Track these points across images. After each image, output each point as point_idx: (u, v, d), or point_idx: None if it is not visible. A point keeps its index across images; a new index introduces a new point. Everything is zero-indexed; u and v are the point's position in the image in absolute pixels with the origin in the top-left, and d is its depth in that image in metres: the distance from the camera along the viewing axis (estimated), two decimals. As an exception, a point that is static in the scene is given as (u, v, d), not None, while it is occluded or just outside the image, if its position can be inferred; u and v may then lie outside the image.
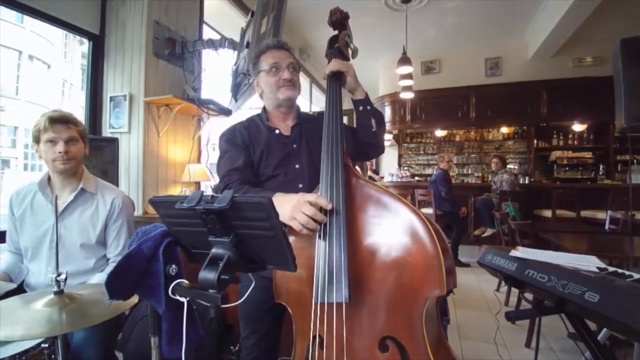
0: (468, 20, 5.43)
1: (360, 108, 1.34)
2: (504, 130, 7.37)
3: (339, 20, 1.38)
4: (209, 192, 2.83)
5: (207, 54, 2.88)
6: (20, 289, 1.58)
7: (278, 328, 1.32)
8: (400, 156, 8.12)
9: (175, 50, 2.62)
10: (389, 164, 8.08)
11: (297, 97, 1.40)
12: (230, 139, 1.35)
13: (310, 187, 1.25)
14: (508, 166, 6.07)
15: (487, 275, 3.63)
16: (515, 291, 3.33)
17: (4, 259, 1.60)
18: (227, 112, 2.84)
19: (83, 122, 2.57)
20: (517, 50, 6.26)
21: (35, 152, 1.52)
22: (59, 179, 1.57)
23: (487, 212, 5.13)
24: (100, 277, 1.52)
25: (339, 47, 1.34)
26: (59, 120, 1.47)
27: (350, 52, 1.37)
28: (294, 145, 1.35)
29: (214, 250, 0.68)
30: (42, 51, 18.46)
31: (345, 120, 1.28)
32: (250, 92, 2.89)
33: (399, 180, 6.80)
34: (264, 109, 1.43)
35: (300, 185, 1.28)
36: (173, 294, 0.73)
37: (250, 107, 4.38)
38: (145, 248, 0.72)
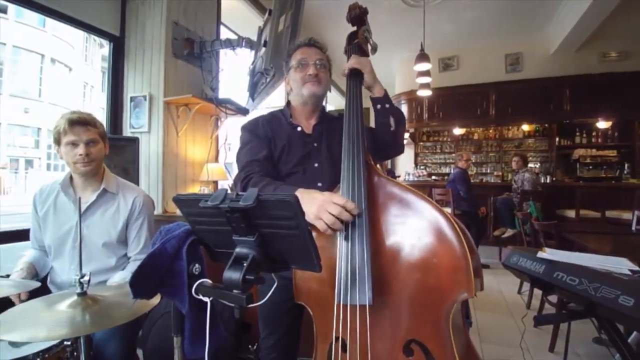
0: (487, 15, 5.31)
1: (379, 106, 1.31)
2: (525, 127, 7.17)
3: (358, 15, 1.35)
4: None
5: (224, 54, 2.89)
6: (44, 287, 1.61)
7: (297, 328, 1.30)
8: (416, 155, 8.02)
9: (194, 50, 2.64)
10: (405, 163, 7.99)
11: (324, 95, 1.38)
12: (252, 130, 1.35)
13: (329, 187, 1.23)
14: (529, 165, 5.91)
15: (508, 277, 3.53)
16: (537, 293, 3.23)
17: (29, 253, 1.63)
18: (244, 111, 2.85)
19: (104, 122, 2.63)
20: (539, 45, 6.09)
21: (56, 153, 1.55)
22: (80, 180, 1.59)
23: (508, 212, 5.01)
24: (121, 275, 1.54)
25: (359, 43, 1.32)
26: (79, 123, 1.48)
27: (369, 48, 1.35)
28: (315, 144, 1.33)
29: (237, 249, 0.67)
30: (64, 54, 19.01)
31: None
32: (268, 91, 2.89)
33: (416, 179, 6.71)
34: (288, 104, 1.43)
35: (320, 184, 1.26)
36: (196, 293, 0.72)
37: (267, 106, 4.39)
38: (169, 247, 0.72)
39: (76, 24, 2.34)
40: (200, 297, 0.72)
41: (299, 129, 1.35)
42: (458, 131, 7.51)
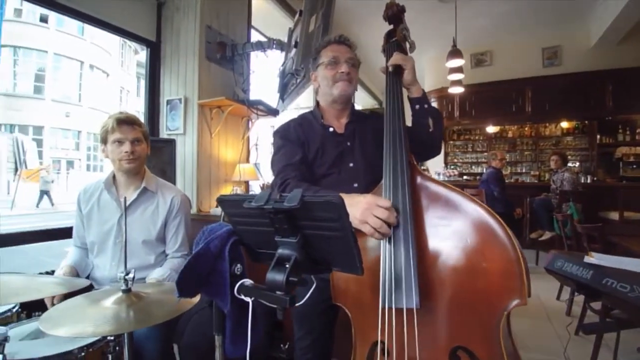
0: (522, 8, 5.09)
1: (417, 106, 1.27)
2: (564, 125, 6.82)
3: (396, 14, 1.32)
4: (257, 191, 2.89)
5: (254, 56, 2.93)
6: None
7: (332, 329, 1.29)
8: (446, 154, 7.81)
9: (226, 53, 2.69)
10: (435, 162, 7.79)
11: (353, 94, 1.37)
12: (284, 134, 1.34)
13: (366, 187, 1.21)
14: (568, 164, 5.63)
15: (546, 282, 3.37)
16: (577, 300, 3.06)
17: (71, 253, 1.71)
18: (274, 112, 2.88)
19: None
20: (578, 37, 5.79)
21: (102, 152, 1.62)
22: (123, 178, 1.65)
23: (546, 214, 4.79)
24: (159, 272, 1.58)
25: (397, 41, 1.29)
26: (126, 122, 1.56)
27: (408, 46, 1.32)
28: (348, 144, 1.32)
29: (280, 250, 0.67)
30: (101, 61, 20.00)
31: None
32: (298, 92, 2.91)
33: (447, 179, 6.55)
34: (317, 105, 1.41)
35: (355, 185, 1.25)
36: (238, 293, 0.72)
37: (296, 107, 4.42)
38: (213, 247, 0.73)
39: (116, 30, 2.45)
40: (242, 297, 0.72)
41: (331, 129, 1.34)
42: (491, 129, 7.25)
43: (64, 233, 2.05)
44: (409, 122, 1.25)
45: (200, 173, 2.53)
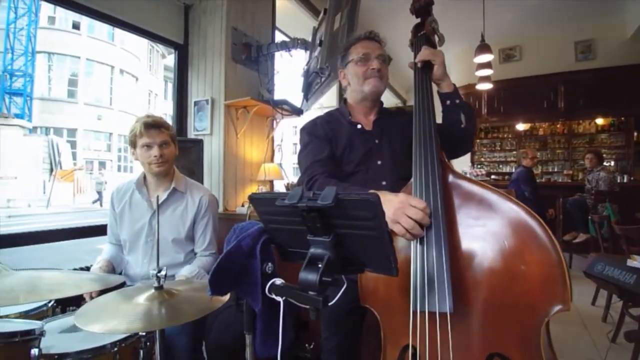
0: (553, 0, 4.88)
1: (448, 102, 1.23)
2: (599, 121, 6.49)
3: (424, 7, 1.28)
4: (283, 190, 2.90)
5: (279, 56, 2.94)
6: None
7: (360, 331, 1.27)
8: (473, 153, 7.59)
9: (251, 54, 2.72)
10: (461, 161, 7.58)
11: (384, 91, 1.34)
12: (311, 131, 1.34)
13: (393, 185, 1.18)
14: (604, 163, 5.35)
15: (580, 286, 3.21)
16: (615, 306, 2.90)
17: (106, 249, 1.77)
18: (299, 112, 2.88)
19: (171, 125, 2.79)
20: (613, 30, 5.50)
21: (131, 155, 1.66)
22: (153, 179, 1.70)
23: (580, 215, 4.57)
24: (188, 270, 1.61)
25: (426, 35, 1.25)
26: (153, 126, 1.59)
27: (437, 39, 1.28)
28: (376, 141, 1.30)
29: (312, 250, 0.66)
30: (131, 65, 20.71)
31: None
32: (322, 91, 2.90)
33: (474, 179, 6.36)
34: (345, 102, 1.40)
35: (384, 183, 1.23)
36: (269, 292, 0.72)
37: (319, 106, 4.41)
38: (244, 245, 0.73)
39: (146, 34, 2.52)
40: (273, 296, 0.72)
41: (358, 126, 1.32)
42: (521, 127, 6.99)
43: (97, 231, 2.12)
44: (439, 119, 1.21)
45: (227, 172, 2.57)
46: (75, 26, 18.18)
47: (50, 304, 1.37)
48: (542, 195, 4.63)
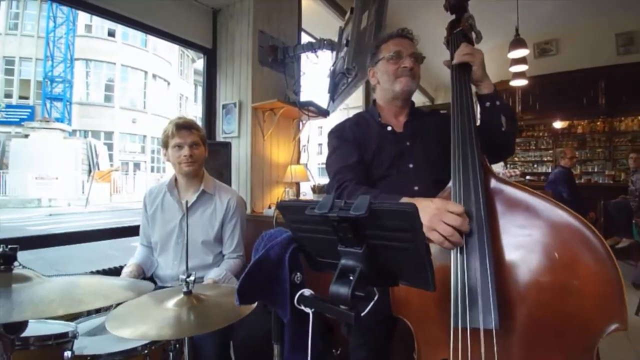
0: (593, -10, 4.60)
1: (488, 104, 1.15)
2: (645, 118, 6.08)
3: (459, 2, 1.22)
4: (308, 192, 2.88)
5: (305, 57, 2.92)
6: (151, 279, 1.77)
7: (391, 341, 1.23)
8: (506, 153, 7.29)
9: (277, 56, 2.72)
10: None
11: (415, 91, 1.29)
12: (340, 134, 1.30)
13: (427, 190, 1.12)
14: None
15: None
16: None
17: (138, 251, 1.81)
18: (325, 113, 2.86)
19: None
20: (658, 21, 5.12)
21: (163, 156, 1.70)
22: (183, 181, 1.72)
23: (624, 218, 4.29)
24: (216, 272, 1.62)
25: (463, 31, 1.18)
26: (184, 126, 1.62)
27: (474, 36, 1.21)
28: (407, 143, 1.24)
29: (343, 261, 0.62)
30: (163, 70, 21.43)
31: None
32: (349, 91, 2.86)
33: (517, 182, 6.08)
34: (374, 103, 1.35)
35: (416, 188, 1.17)
36: (298, 304, 0.69)
37: (345, 106, 4.37)
38: (272, 254, 0.70)
39: (177, 40, 2.58)
40: (302, 307, 0.69)
41: (389, 128, 1.27)
42: (558, 124, 6.64)
43: (130, 231, 2.18)
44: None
45: (254, 174, 2.58)
46: (111, 34, 19.01)
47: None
48: (582, 197, 4.37)
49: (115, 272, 1.82)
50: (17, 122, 16.70)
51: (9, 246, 0.66)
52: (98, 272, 2.07)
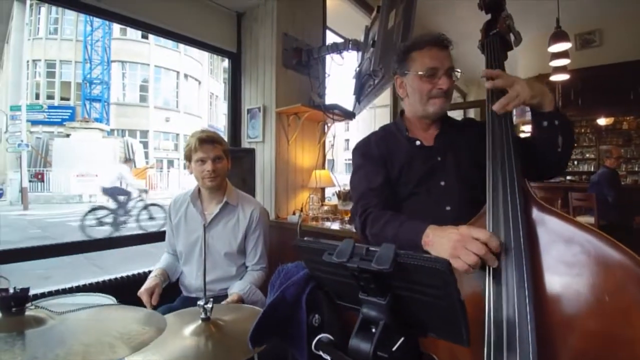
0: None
1: (545, 123, 0.99)
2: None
3: (496, 0, 1.10)
4: (333, 198, 2.82)
5: (330, 58, 2.85)
6: (176, 285, 1.78)
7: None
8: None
9: (302, 58, 2.67)
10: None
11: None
12: (365, 152, 1.22)
13: (460, 210, 1.03)
14: None
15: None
16: None
17: (163, 258, 1.83)
18: (350, 116, 2.78)
19: (226, 134, 2.85)
20: None
21: (187, 169, 1.69)
22: (206, 193, 1.72)
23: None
24: (239, 286, 1.59)
25: (500, 34, 1.07)
26: (207, 141, 1.61)
27: (512, 38, 1.09)
28: (438, 158, 1.14)
29: (364, 310, 0.56)
30: (194, 70, 21.98)
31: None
32: (375, 93, 2.77)
33: (546, 180, 5.75)
34: (402, 114, 1.25)
35: (448, 208, 1.08)
36: (316, 349, 0.64)
37: (372, 105, 4.26)
38: (289, 295, 0.65)
39: (202, 46, 2.59)
40: (321, 353, 0.64)
41: (417, 143, 1.17)
42: (602, 121, 6.19)
43: (157, 237, 2.20)
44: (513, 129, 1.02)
45: (278, 180, 2.55)
46: (144, 36, 19.65)
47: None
48: (627, 200, 4.04)
49: (144, 277, 1.83)
50: (59, 122, 17.70)
51: (20, 287, 0.65)
52: (128, 278, 2.12)
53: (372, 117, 7.24)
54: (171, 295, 1.77)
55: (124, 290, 1.61)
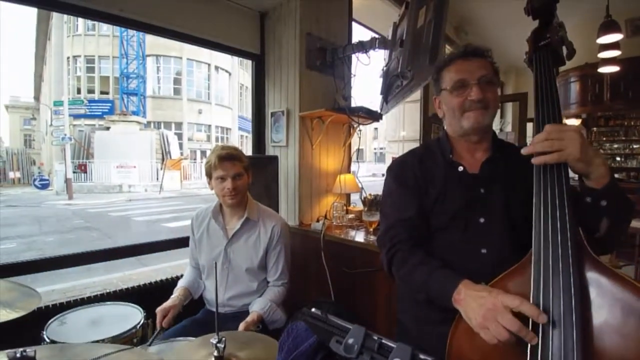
0: None
1: (588, 199, 0.81)
2: None
3: (546, 4, 0.94)
4: (359, 205, 2.74)
5: (355, 58, 2.74)
6: (201, 301, 1.80)
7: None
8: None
9: (326, 59, 2.57)
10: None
11: (492, 121, 1.04)
12: (399, 175, 1.10)
13: (499, 255, 0.92)
14: None
15: None
16: None
17: (187, 273, 1.84)
18: (377, 117, 2.66)
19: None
20: None
21: (208, 185, 1.67)
22: (228, 209, 1.71)
23: None
24: (259, 305, 1.58)
25: (551, 46, 0.92)
26: (226, 158, 1.58)
27: (564, 51, 0.94)
28: (482, 190, 1.00)
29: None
30: (224, 62, 22.27)
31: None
32: (403, 95, 2.64)
33: (627, 276, 5.26)
34: (446, 133, 1.12)
35: (484, 251, 0.95)
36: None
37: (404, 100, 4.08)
38: (296, 367, 0.60)
39: (226, 49, 2.56)
40: None
41: (460, 168, 1.04)
42: (655, 113, 5.66)
43: (183, 242, 2.21)
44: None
45: (302, 185, 2.50)
46: (177, 32, 20.14)
47: (139, 325, 1.44)
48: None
49: (172, 284, 1.85)
50: (99, 116, 18.60)
51: (26, 350, 0.64)
52: (156, 284, 2.17)
53: (401, 112, 7.01)
54: (194, 307, 1.79)
55: (151, 299, 1.63)
